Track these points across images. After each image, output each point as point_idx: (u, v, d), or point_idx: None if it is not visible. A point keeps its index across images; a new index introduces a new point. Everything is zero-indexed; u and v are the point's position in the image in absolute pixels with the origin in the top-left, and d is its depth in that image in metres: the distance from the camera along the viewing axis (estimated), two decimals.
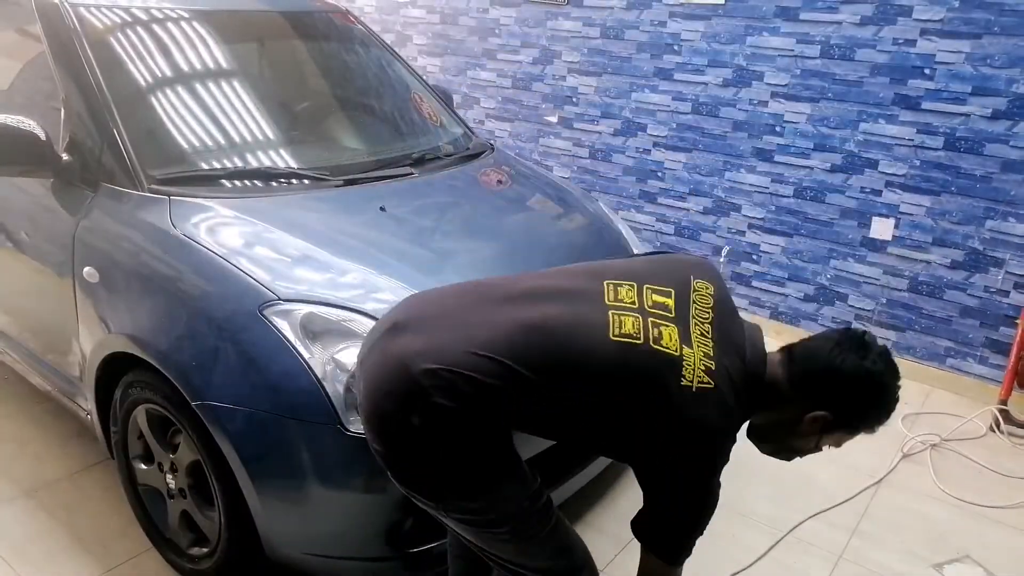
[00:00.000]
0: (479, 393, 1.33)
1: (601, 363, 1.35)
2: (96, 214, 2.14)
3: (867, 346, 1.45)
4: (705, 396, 1.35)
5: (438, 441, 1.36)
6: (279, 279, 1.89)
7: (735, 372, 1.41)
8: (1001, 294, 3.30)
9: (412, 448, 1.39)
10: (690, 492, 1.43)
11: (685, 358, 1.36)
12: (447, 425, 1.34)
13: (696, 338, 1.40)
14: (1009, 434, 3.11)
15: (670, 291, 1.46)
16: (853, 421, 1.46)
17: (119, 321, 2.05)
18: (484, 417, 1.37)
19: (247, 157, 2.38)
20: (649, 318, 1.39)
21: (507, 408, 1.37)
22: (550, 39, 4.44)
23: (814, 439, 1.49)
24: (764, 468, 2.80)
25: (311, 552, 1.87)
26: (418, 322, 1.43)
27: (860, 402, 1.45)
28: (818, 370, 1.43)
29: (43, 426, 2.81)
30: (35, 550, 2.22)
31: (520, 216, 2.59)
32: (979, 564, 2.38)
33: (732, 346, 1.44)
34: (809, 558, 2.37)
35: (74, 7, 2.33)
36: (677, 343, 1.37)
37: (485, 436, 1.39)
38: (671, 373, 1.34)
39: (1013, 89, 3.11)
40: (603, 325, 1.37)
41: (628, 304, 1.41)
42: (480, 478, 1.40)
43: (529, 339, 1.36)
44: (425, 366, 1.33)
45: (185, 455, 2.00)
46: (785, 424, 1.49)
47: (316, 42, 3.05)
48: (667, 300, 1.44)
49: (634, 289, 1.45)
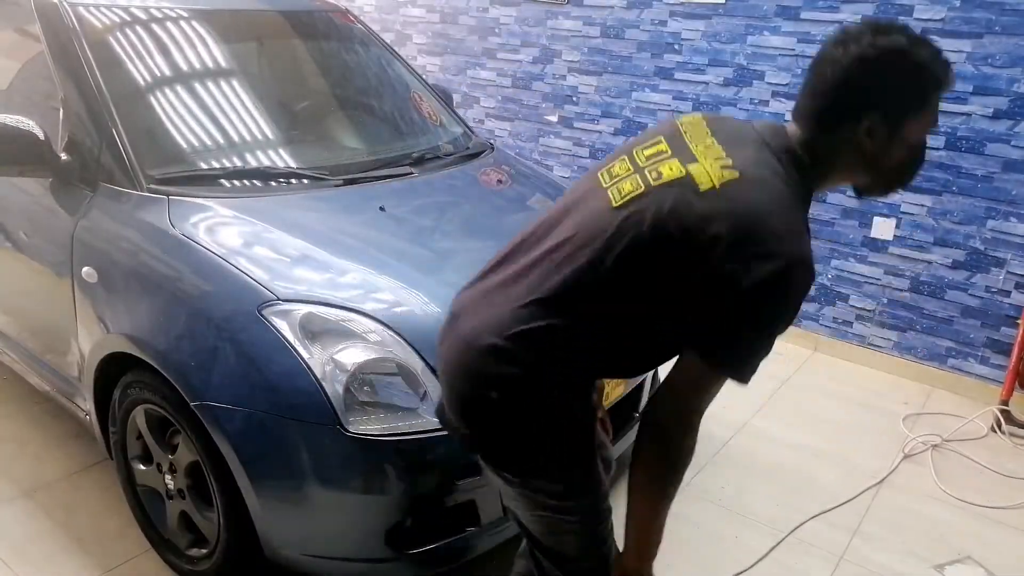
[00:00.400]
0: (533, 345, 1.31)
1: (598, 219, 1.31)
2: (95, 214, 2.14)
3: (850, 37, 1.27)
4: (733, 186, 1.22)
5: (520, 413, 1.36)
6: (278, 279, 1.88)
7: (757, 155, 1.28)
8: (1002, 294, 3.29)
9: (497, 424, 1.38)
10: (764, 301, 1.22)
11: (693, 173, 1.25)
12: (524, 394, 1.35)
13: (700, 152, 1.29)
14: (1010, 434, 3.10)
15: (659, 138, 1.38)
16: (904, 99, 1.27)
17: (118, 321, 2.04)
18: (553, 376, 1.35)
19: (246, 157, 2.37)
20: (645, 169, 1.32)
21: (568, 350, 1.34)
22: (550, 38, 4.43)
23: (893, 147, 1.29)
24: (765, 469, 2.80)
25: (310, 553, 1.86)
26: (471, 304, 1.43)
27: (887, 78, 1.26)
28: (829, 88, 1.28)
29: (42, 426, 2.81)
30: (34, 550, 2.22)
31: (520, 216, 2.58)
32: (980, 565, 2.38)
33: (744, 140, 1.32)
34: (810, 559, 2.37)
35: (73, 7, 2.33)
36: (680, 167, 1.27)
37: (564, 404, 1.37)
38: (688, 192, 1.24)
39: (1014, 88, 3.10)
40: (605, 204, 1.32)
41: (624, 174, 1.35)
42: (565, 457, 1.39)
43: (553, 263, 1.34)
44: (486, 341, 1.34)
45: (184, 456, 1.99)
46: (851, 158, 1.31)
47: (315, 41, 3.04)
48: (659, 147, 1.35)
49: (626, 159, 1.39)
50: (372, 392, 1.80)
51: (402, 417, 1.80)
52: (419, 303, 1.93)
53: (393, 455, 1.77)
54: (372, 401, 1.80)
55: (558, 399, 1.37)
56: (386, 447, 1.76)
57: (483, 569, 2.18)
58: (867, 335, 3.69)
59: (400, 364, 1.82)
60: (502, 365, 1.33)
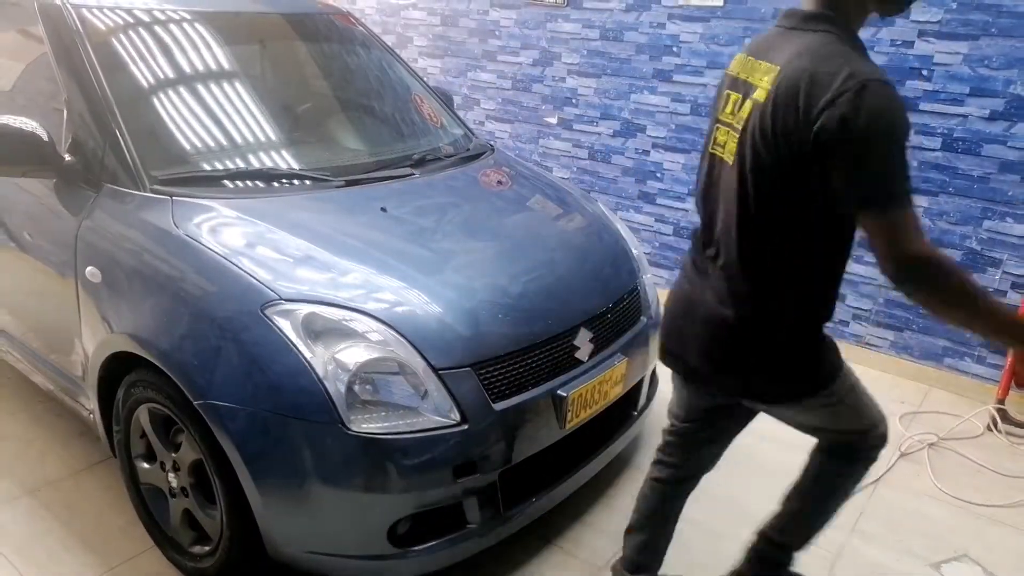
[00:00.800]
0: (781, 299, 1.55)
1: (728, 180, 1.53)
2: (98, 214, 2.15)
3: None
4: (779, 76, 1.40)
5: (809, 345, 1.64)
6: (281, 279, 1.90)
7: (788, 43, 1.45)
8: (999, 294, 3.31)
9: (756, 354, 1.61)
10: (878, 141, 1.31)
11: (756, 97, 1.45)
12: (808, 333, 1.63)
13: (755, 79, 1.48)
14: (1007, 433, 3.12)
15: (728, 93, 1.60)
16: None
17: (121, 321, 2.06)
18: (809, 312, 1.61)
19: (249, 158, 2.39)
20: (733, 122, 1.54)
21: (798, 289, 1.55)
22: (550, 41, 4.45)
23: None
24: (765, 469, 2.82)
25: (313, 550, 1.88)
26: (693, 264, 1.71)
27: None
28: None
29: (46, 425, 2.82)
30: (37, 548, 2.23)
31: (520, 217, 2.60)
32: (977, 563, 2.39)
33: (778, 42, 1.49)
34: (808, 557, 2.38)
35: (76, 8, 2.35)
36: (749, 101, 1.49)
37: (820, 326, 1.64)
38: (760, 112, 1.43)
39: (1011, 90, 3.12)
40: (727, 168, 1.55)
41: (723, 137, 1.58)
42: (828, 364, 1.68)
43: (721, 203, 1.58)
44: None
45: (187, 454, 2.01)
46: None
47: (317, 44, 3.06)
48: (733, 98, 1.57)
49: (719, 126, 1.60)
50: (374, 391, 1.82)
51: (404, 416, 1.82)
52: (420, 303, 1.95)
53: (395, 453, 1.79)
54: (374, 400, 1.82)
55: (820, 325, 1.65)
56: (388, 445, 1.78)
57: (484, 566, 2.19)
58: (864, 334, 3.71)
59: (402, 363, 1.84)
60: (778, 327, 1.57)
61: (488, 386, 1.92)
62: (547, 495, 2.16)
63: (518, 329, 2.04)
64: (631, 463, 2.78)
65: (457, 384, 1.87)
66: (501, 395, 1.95)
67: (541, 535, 2.36)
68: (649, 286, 2.67)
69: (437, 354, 1.87)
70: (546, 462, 2.14)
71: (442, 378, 1.86)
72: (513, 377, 1.99)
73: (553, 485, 2.18)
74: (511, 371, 1.98)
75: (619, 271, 2.55)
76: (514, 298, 2.11)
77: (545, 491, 2.15)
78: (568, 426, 2.11)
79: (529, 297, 2.14)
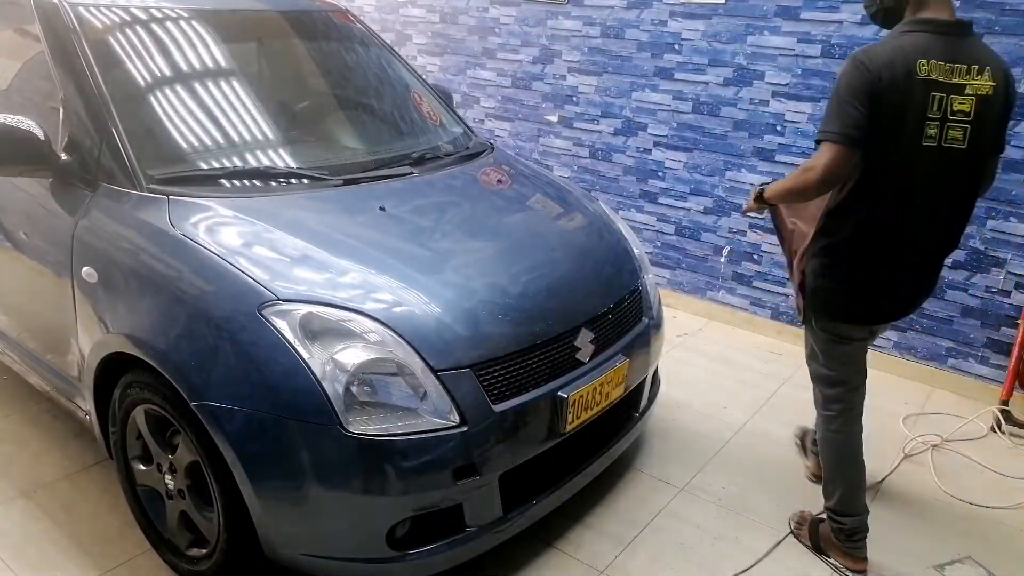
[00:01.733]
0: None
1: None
2: (95, 214, 2.14)
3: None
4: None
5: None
6: (278, 279, 1.88)
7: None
8: (1002, 294, 3.29)
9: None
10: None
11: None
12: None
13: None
14: (1010, 434, 3.10)
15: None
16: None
17: (118, 321, 2.04)
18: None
19: (246, 157, 2.37)
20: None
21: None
22: (550, 38, 4.43)
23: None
24: (765, 469, 2.80)
25: (310, 553, 1.86)
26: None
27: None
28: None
29: (42, 426, 2.81)
30: (33, 551, 2.22)
31: (520, 216, 2.58)
32: (980, 565, 2.37)
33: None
34: (810, 559, 2.36)
35: (73, 7, 2.33)
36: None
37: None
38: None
39: None
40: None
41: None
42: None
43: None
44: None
45: (184, 455, 1.99)
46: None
47: (315, 41, 3.04)
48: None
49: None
50: (372, 392, 1.80)
51: (402, 417, 1.80)
52: (419, 303, 1.93)
53: (393, 455, 1.77)
54: (372, 401, 1.80)
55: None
56: (386, 447, 1.76)
57: (484, 569, 2.18)
58: None
59: (400, 364, 1.82)
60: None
61: (488, 387, 1.90)
62: (548, 497, 2.14)
63: (518, 329, 2.02)
64: (632, 465, 2.76)
65: (456, 385, 1.85)
66: (501, 396, 1.93)
67: (541, 538, 2.34)
68: (651, 286, 2.66)
69: (436, 355, 1.85)
70: (546, 464, 2.12)
71: (441, 379, 1.84)
72: (513, 378, 1.97)
73: (554, 487, 2.16)
74: (511, 372, 1.96)
75: (620, 271, 2.53)
76: (514, 298, 2.09)
77: (545, 493, 2.13)
78: (569, 428, 2.10)
79: (529, 297, 2.12)
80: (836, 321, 2.19)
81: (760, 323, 3.99)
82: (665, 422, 3.07)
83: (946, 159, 1.96)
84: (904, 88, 1.90)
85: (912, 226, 2.04)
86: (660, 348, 2.65)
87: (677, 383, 3.35)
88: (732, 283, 4.06)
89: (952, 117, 1.92)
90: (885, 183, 1.99)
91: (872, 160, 1.97)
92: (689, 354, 3.73)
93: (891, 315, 2.23)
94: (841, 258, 2.11)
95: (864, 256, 2.08)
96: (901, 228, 2.04)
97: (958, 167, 1.99)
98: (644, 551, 2.34)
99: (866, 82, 1.91)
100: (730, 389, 3.39)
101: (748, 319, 4.02)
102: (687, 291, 4.25)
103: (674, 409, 3.17)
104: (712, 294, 4.15)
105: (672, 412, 3.15)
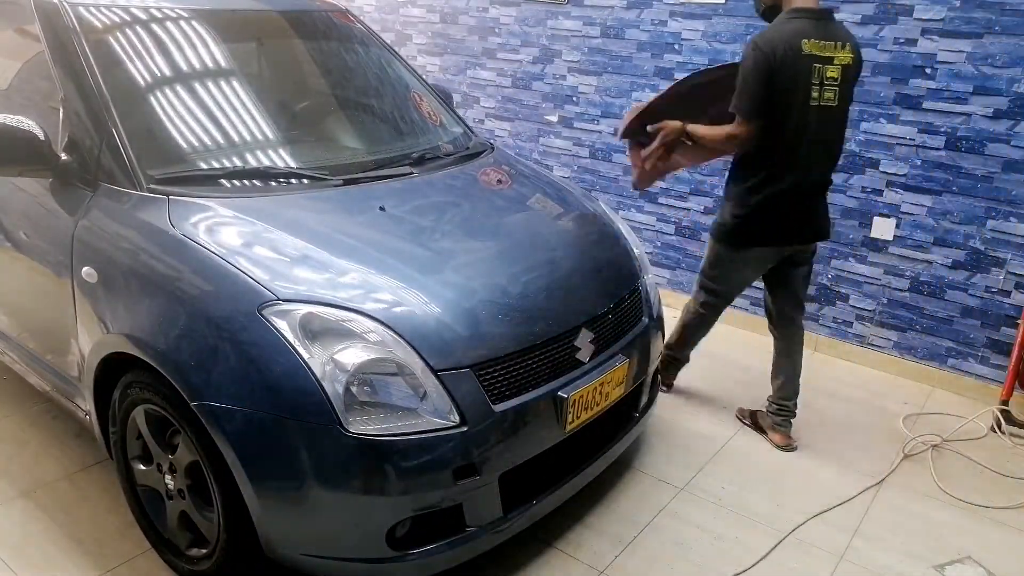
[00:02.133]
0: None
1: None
2: (95, 214, 2.14)
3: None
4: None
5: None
6: (278, 279, 1.88)
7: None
8: (1002, 294, 3.29)
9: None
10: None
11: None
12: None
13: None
14: (1010, 435, 3.10)
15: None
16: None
17: (118, 321, 2.04)
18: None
19: (246, 157, 2.37)
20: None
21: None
22: (550, 38, 4.43)
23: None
24: (765, 469, 2.80)
25: (310, 553, 1.86)
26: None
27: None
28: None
29: (42, 426, 2.81)
30: (33, 551, 2.22)
31: (520, 216, 2.58)
32: (980, 565, 2.38)
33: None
34: (810, 559, 2.36)
35: (73, 7, 2.33)
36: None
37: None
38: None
39: (1014, 89, 3.10)
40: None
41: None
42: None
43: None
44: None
45: (184, 456, 1.99)
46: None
47: (315, 41, 3.04)
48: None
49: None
50: (372, 392, 1.80)
51: (402, 417, 1.80)
52: (419, 303, 1.93)
53: (393, 455, 1.77)
54: (372, 401, 1.80)
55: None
56: (386, 447, 1.76)
57: (484, 569, 2.18)
58: (867, 335, 3.69)
59: (400, 364, 1.82)
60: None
61: (488, 387, 1.90)
62: (548, 497, 2.14)
63: (518, 329, 2.02)
64: (632, 465, 2.76)
65: (456, 385, 1.85)
66: (501, 396, 1.93)
67: (541, 538, 2.34)
68: (651, 286, 2.66)
69: (436, 355, 1.85)
70: (547, 464, 2.12)
71: (441, 379, 1.84)
72: (513, 378, 1.97)
73: (554, 487, 2.16)
74: (511, 372, 1.96)
75: (620, 271, 2.53)
76: (514, 298, 2.09)
77: (546, 493, 2.13)
78: (569, 428, 2.10)
79: (529, 297, 2.12)
80: (751, 247, 2.75)
81: (760, 323, 3.97)
82: (665, 422, 3.07)
83: (824, 115, 2.56)
84: (793, 62, 2.47)
85: (803, 169, 2.62)
86: (660, 348, 2.65)
87: (677, 383, 3.35)
88: None
89: (826, 82, 2.52)
90: (782, 137, 2.55)
91: (774, 120, 2.53)
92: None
93: (792, 239, 2.76)
94: (752, 199, 2.66)
95: (769, 196, 2.63)
96: (794, 171, 2.61)
97: (831, 120, 2.60)
98: (644, 551, 2.34)
99: (765, 61, 2.46)
100: (730, 389, 3.39)
101: (748, 319, 4.02)
102: (687, 291, 4.25)
103: (674, 409, 3.17)
104: None
105: (672, 412, 3.15)
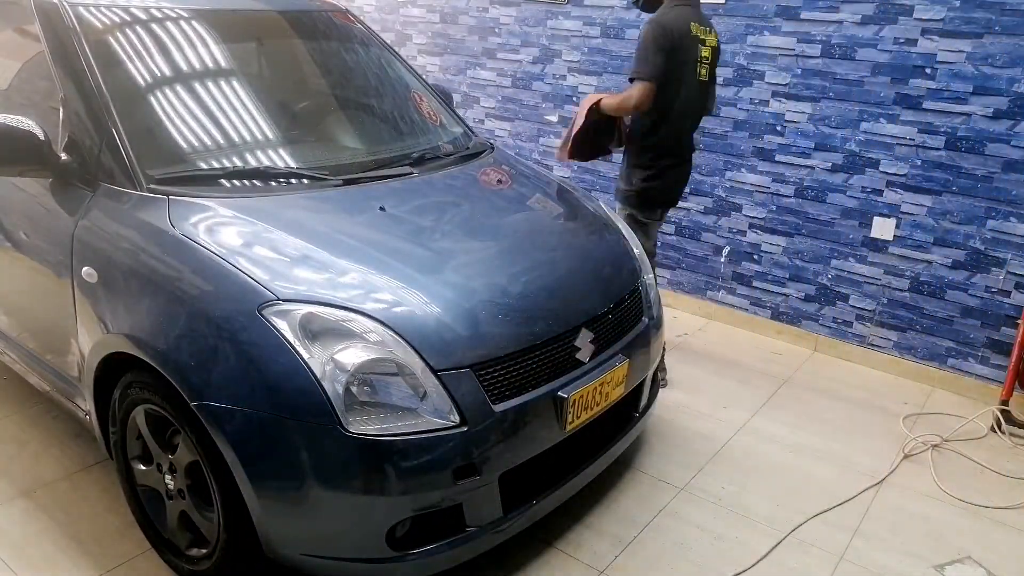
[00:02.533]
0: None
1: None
2: (95, 214, 2.14)
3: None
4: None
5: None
6: (278, 279, 1.88)
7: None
8: (1002, 294, 3.29)
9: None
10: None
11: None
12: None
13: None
14: (1010, 434, 3.10)
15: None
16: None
17: (118, 321, 2.04)
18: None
19: (246, 157, 2.37)
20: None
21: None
22: (550, 38, 4.43)
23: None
24: (765, 469, 2.80)
25: (310, 553, 1.86)
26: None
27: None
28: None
29: (42, 426, 2.81)
30: (33, 551, 2.22)
31: (520, 216, 2.58)
32: (980, 565, 2.38)
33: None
34: (810, 559, 2.36)
35: (73, 7, 2.33)
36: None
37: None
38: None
39: (1014, 89, 3.10)
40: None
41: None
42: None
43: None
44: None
45: (184, 456, 1.99)
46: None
47: (315, 41, 3.04)
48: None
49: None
50: (372, 392, 1.80)
51: (402, 417, 1.80)
52: (419, 303, 1.93)
53: (393, 455, 1.77)
54: (372, 401, 1.80)
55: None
56: (386, 447, 1.76)
57: (484, 569, 2.18)
58: (867, 335, 3.69)
59: (400, 364, 1.82)
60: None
61: (488, 387, 1.90)
62: (548, 497, 2.14)
63: (518, 329, 2.02)
64: (632, 465, 2.76)
65: (456, 385, 1.85)
66: (501, 396, 1.93)
67: (541, 538, 2.34)
68: (651, 286, 2.66)
69: (436, 355, 1.85)
70: (547, 464, 2.12)
71: (441, 379, 1.84)
72: (513, 378, 1.97)
73: (554, 487, 2.16)
74: (511, 372, 1.96)
75: (620, 271, 2.53)
76: (514, 298, 2.09)
77: (546, 493, 2.13)
78: (569, 428, 2.10)
79: (529, 297, 2.12)
80: (654, 207, 3.16)
81: (760, 323, 4.00)
82: (665, 422, 3.07)
83: (702, 89, 3.05)
84: (686, 42, 2.87)
85: (684, 137, 3.11)
86: (660, 348, 2.65)
87: (677, 383, 3.35)
88: (732, 283, 4.06)
89: (702, 61, 2.97)
90: (672, 109, 2.95)
91: (667, 94, 2.90)
92: (689, 354, 3.73)
93: (676, 200, 3.25)
94: (654, 166, 3.05)
95: (665, 162, 3.05)
96: (679, 139, 3.08)
97: (705, 94, 3.10)
98: (644, 551, 2.34)
99: (666, 38, 2.82)
100: (730, 389, 3.39)
101: (748, 319, 4.02)
102: (687, 291, 4.25)
103: (674, 409, 3.17)
104: (712, 294, 4.16)
105: (672, 412, 3.15)
